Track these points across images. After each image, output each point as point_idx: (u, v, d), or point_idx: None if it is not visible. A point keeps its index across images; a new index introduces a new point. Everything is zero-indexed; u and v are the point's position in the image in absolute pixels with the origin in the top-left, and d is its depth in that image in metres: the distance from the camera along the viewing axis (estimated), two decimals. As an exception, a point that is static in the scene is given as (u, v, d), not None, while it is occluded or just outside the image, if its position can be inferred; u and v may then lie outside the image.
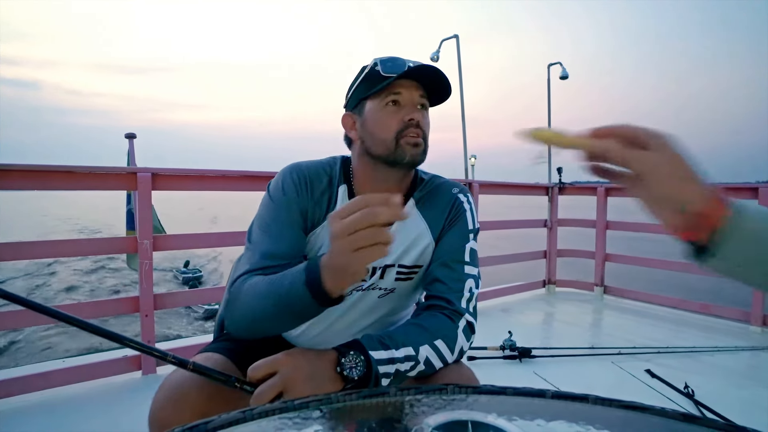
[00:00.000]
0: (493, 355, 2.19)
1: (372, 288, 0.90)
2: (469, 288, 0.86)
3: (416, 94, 0.85)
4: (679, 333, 2.72)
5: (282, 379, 0.65)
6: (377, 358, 0.71)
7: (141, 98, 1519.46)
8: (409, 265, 0.90)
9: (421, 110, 0.86)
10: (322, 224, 0.87)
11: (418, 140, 0.84)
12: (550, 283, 3.65)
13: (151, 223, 1.91)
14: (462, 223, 0.91)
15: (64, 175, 1.77)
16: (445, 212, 0.92)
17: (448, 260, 0.88)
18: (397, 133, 0.83)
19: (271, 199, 0.86)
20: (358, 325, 0.94)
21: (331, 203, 0.88)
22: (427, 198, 0.93)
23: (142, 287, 1.89)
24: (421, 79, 0.85)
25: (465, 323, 0.83)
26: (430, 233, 0.91)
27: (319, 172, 0.89)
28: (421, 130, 0.85)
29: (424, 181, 0.95)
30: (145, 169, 1.89)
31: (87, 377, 1.85)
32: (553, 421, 0.42)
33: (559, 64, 3.65)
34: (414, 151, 0.84)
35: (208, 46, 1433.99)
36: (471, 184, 3.02)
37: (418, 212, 0.91)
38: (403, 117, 0.84)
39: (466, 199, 0.94)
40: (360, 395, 0.45)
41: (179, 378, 0.76)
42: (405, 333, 0.77)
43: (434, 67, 0.84)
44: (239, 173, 2.07)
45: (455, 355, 0.80)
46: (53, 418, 1.60)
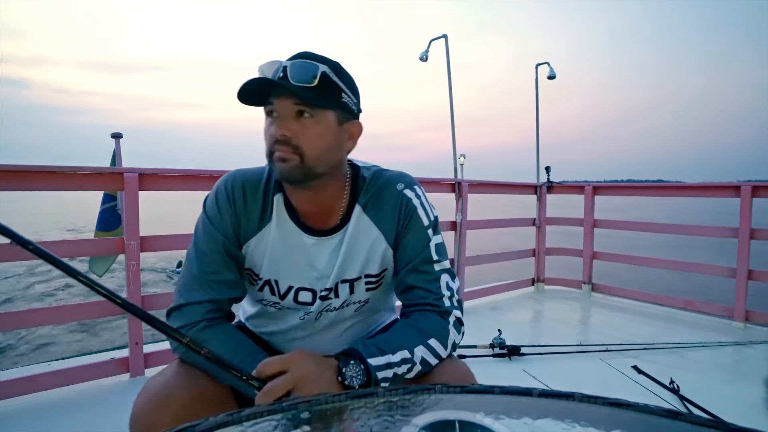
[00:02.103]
0: (482, 353, 2.20)
1: (346, 305, 0.90)
2: (446, 283, 0.86)
3: (289, 102, 0.74)
4: (665, 329, 2.76)
5: (294, 377, 0.65)
6: (375, 364, 0.72)
7: (131, 97, 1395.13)
8: (376, 273, 0.89)
9: (298, 120, 0.75)
10: (256, 234, 0.84)
11: (282, 155, 0.75)
12: (539, 281, 3.69)
13: (138, 223, 1.88)
14: (416, 222, 0.86)
15: (48, 175, 1.73)
16: (395, 214, 0.86)
17: (417, 264, 0.85)
18: (269, 149, 0.77)
19: (206, 216, 0.85)
20: (342, 332, 0.95)
21: (266, 211, 0.85)
22: (373, 201, 0.87)
23: (129, 289, 1.87)
24: (293, 84, 0.73)
25: (454, 319, 0.84)
26: (384, 239, 0.87)
27: (254, 179, 0.86)
28: (290, 145, 0.74)
29: (366, 181, 0.88)
30: (132, 170, 1.87)
31: (74, 380, 1.82)
32: (539, 419, 0.43)
33: (547, 64, 3.68)
34: (280, 167, 0.75)
35: (199, 45, 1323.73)
36: (460, 183, 3.03)
37: (367, 218, 0.86)
38: (273, 131, 0.76)
39: (414, 194, 0.88)
40: (349, 396, 0.45)
41: (162, 380, 0.76)
42: (399, 336, 0.78)
43: (303, 65, 0.74)
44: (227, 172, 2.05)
45: (448, 350, 0.81)
46: (40, 422, 1.57)
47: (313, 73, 0.74)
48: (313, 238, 0.85)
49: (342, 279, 0.86)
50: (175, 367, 0.79)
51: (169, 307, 0.83)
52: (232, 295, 0.85)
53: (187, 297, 0.81)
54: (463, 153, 3.17)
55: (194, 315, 0.80)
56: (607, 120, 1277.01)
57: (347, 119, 0.82)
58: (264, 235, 0.85)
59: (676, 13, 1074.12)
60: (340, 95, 0.79)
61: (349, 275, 0.87)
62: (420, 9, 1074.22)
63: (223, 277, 0.83)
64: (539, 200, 3.66)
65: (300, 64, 0.74)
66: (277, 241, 0.85)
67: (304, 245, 0.85)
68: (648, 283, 4.45)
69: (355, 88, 0.83)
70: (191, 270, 0.83)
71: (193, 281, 0.82)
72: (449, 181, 3.04)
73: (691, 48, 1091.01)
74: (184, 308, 0.81)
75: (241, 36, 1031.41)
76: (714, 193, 3.02)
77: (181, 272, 0.85)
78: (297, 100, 0.74)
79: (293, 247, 0.85)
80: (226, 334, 0.81)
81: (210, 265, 0.82)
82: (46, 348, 7.84)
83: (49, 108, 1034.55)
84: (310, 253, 0.85)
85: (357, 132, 0.84)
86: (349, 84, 0.81)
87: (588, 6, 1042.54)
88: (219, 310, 0.83)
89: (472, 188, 3.13)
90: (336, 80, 0.78)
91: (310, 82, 0.74)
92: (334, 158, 0.81)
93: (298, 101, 0.75)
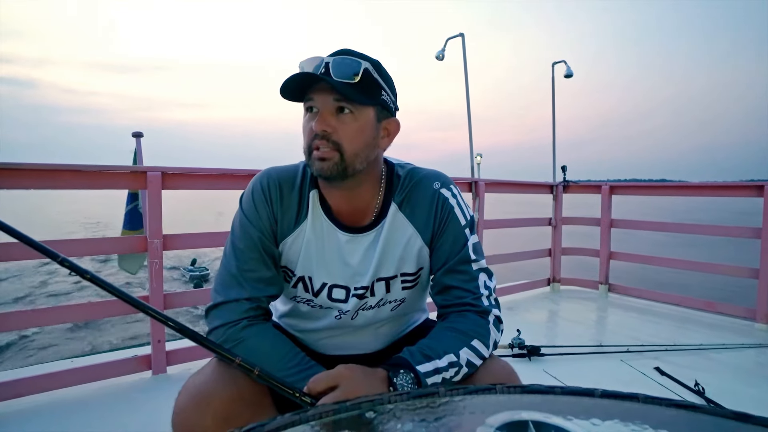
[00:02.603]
0: (502, 353, 2.19)
1: (382, 304, 0.89)
2: (484, 283, 0.85)
3: (329, 98, 0.75)
4: (685, 330, 2.73)
5: (344, 393, 0.66)
6: (424, 371, 0.72)
7: (137, 97, 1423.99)
8: (412, 272, 0.88)
9: (338, 116, 0.76)
10: (293, 232, 0.85)
11: (320, 153, 0.75)
12: (554, 281, 3.66)
13: (161, 222, 1.90)
14: (453, 222, 0.86)
15: (74, 174, 1.75)
16: (431, 214, 0.85)
17: (454, 265, 0.85)
18: (308, 145, 0.77)
19: (243, 213, 0.85)
20: (376, 331, 0.95)
21: (302, 208, 0.85)
22: (408, 199, 0.86)
23: (152, 287, 1.88)
24: (335, 80, 0.73)
25: (494, 318, 0.83)
26: (420, 237, 0.86)
27: (290, 176, 0.86)
28: (329, 141, 0.75)
29: (401, 179, 0.87)
30: (155, 168, 1.88)
31: (97, 377, 1.84)
32: (608, 421, 0.42)
33: (564, 62, 3.65)
34: (318, 165, 0.76)
35: (203, 45, 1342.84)
36: (477, 182, 3.01)
37: (402, 216, 0.86)
38: (313, 126, 0.76)
39: (450, 193, 0.87)
40: (410, 395, 0.45)
41: (202, 379, 0.76)
42: (443, 340, 0.78)
43: (345, 61, 0.74)
44: (248, 172, 2.06)
45: (491, 350, 0.81)
46: (63, 419, 1.59)
47: (355, 70, 0.74)
48: (347, 235, 0.85)
49: (378, 277, 0.86)
50: (214, 366, 0.79)
51: (208, 305, 0.83)
52: (270, 293, 0.85)
53: (226, 295, 0.81)
54: (479, 152, 3.15)
55: (234, 313, 0.80)
56: (611, 119, 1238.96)
57: (385, 117, 0.82)
58: (300, 232, 0.85)
59: (680, 12, 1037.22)
60: (380, 92, 0.79)
61: (384, 273, 0.86)
62: (427, 5, 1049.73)
63: (261, 274, 0.83)
64: (555, 200, 3.64)
65: (342, 61, 0.74)
66: (312, 238, 0.85)
67: (338, 242, 0.85)
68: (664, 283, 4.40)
69: (393, 86, 0.83)
70: (229, 268, 0.83)
71: (231, 279, 0.82)
72: (466, 180, 3.03)
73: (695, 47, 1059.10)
74: (224, 306, 0.81)
75: (243, 36, 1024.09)
76: (735, 192, 2.98)
77: (218, 270, 0.85)
78: (338, 95, 0.75)
79: (327, 243, 0.85)
80: (268, 335, 0.81)
81: (248, 263, 0.82)
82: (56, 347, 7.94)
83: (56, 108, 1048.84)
84: (344, 250, 0.85)
85: (394, 129, 0.84)
86: (388, 82, 0.81)
87: (595, 6, 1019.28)
88: (258, 308, 0.83)
89: (488, 187, 3.12)
90: (377, 77, 0.78)
91: (352, 78, 0.74)
92: (371, 155, 0.81)
93: (338, 97, 0.75)
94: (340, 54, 0.76)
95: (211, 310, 0.82)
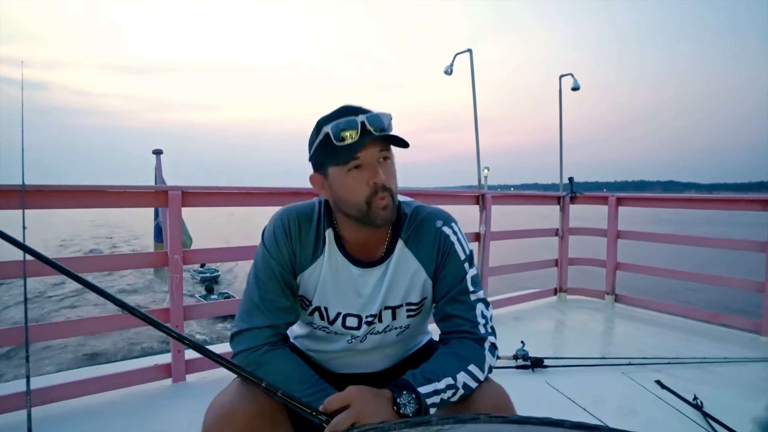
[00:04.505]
0: (506, 364, 2.26)
1: (389, 330, 0.98)
2: (481, 312, 0.93)
3: (374, 150, 0.84)
4: (689, 343, 2.76)
5: (356, 412, 0.74)
6: (424, 392, 0.81)
7: (146, 98, 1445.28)
8: (416, 302, 0.97)
9: (384, 163, 0.86)
10: (310, 266, 0.94)
11: (386, 203, 0.85)
12: (561, 291, 3.71)
13: (180, 238, 2.01)
14: (454, 256, 0.94)
15: (98, 194, 1.87)
16: (434, 249, 0.94)
17: (455, 295, 0.93)
18: (367, 198, 0.84)
19: (265, 248, 0.94)
20: (383, 352, 1.04)
21: (318, 245, 0.94)
22: (414, 236, 0.95)
23: (173, 300, 1.99)
24: (377, 131, 0.82)
25: (489, 344, 0.91)
26: (424, 270, 0.94)
27: (308, 215, 0.95)
28: (388, 190, 0.85)
29: (408, 217, 0.96)
30: (176, 188, 1.99)
31: (120, 385, 1.95)
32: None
33: (571, 75, 3.71)
34: (384, 213, 0.85)
35: (213, 47, 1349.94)
36: (484, 195, 3.09)
37: (408, 252, 0.95)
38: (368, 180, 0.84)
39: (451, 231, 0.95)
40: (408, 423, 0.53)
41: (227, 399, 0.86)
42: (443, 364, 0.86)
43: (379, 115, 0.83)
44: (264, 190, 2.16)
45: (486, 373, 0.89)
46: (89, 424, 1.70)
47: (389, 120, 0.84)
48: (359, 269, 0.94)
49: (385, 306, 0.95)
50: (237, 385, 0.88)
51: (233, 331, 0.92)
52: (288, 320, 0.94)
53: (250, 323, 0.91)
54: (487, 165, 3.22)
55: (256, 339, 0.90)
56: (616, 120, 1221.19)
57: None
58: (317, 266, 0.94)
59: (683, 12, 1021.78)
60: None
61: (391, 302, 0.95)
62: (430, 5, 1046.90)
63: (281, 304, 0.92)
64: (562, 210, 3.69)
65: (377, 116, 0.83)
66: (328, 271, 0.94)
67: (351, 275, 0.94)
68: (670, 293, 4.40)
69: None
70: (252, 297, 0.92)
71: (254, 308, 0.91)
72: (473, 193, 3.10)
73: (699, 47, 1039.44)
74: (247, 333, 0.90)
75: (250, 37, 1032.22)
76: (740, 206, 3.01)
77: (242, 299, 0.94)
78: (382, 146, 0.84)
79: (342, 277, 0.94)
80: (287, 359, 0.90)
81: (269, 293, 0.92)
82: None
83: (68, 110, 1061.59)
84: (357, 282, 0.94)
85: None
86: None
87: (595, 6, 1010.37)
88: (277, 334, 0.92)
89: (495, 200, 3.19)
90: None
91: (390, 129, 0.84)
92: None
93: (383, 147, 0.85)
94: (351, 113, 0.84)
95: (236, 335, 0.92)
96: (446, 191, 3.21)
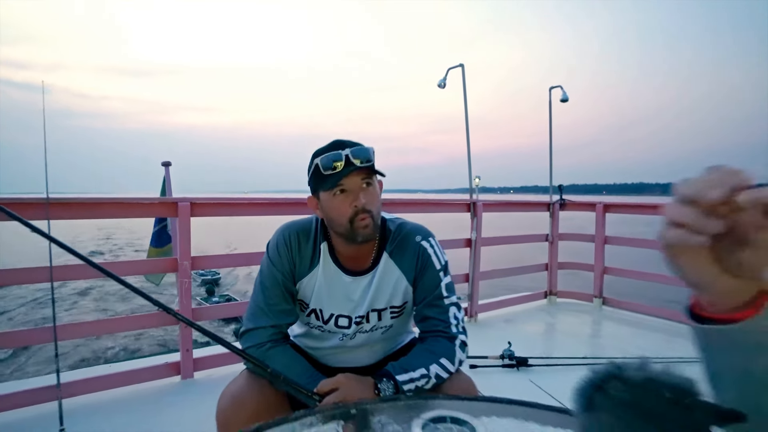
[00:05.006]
0: (492, 363, 2.41)
1: (375, 329, 1.14)
2: (454, 314, 1.08)
3: (357, 178, 0.99)
4: (672, 344, 2.90)
5: (343, 394, 0.91)
6: (401, 380, 0.97)
7: (147, 101, 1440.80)
8: (398, 305, 1.13)
9: (366, 188, 1.00)
10: (307, 274, 1.09)
11: (366, 223, 0.99)
12: (551, 294, 3.86)
13: (189, 245, 2.17)
14: (431, 267, 1.09)
15: (115, 205, 2.04)
16: (414, 260, 1.09)
17: (431, 300, 1.08)
18: (350, 219, 0.99)
19: (269, 259, 1.10)
20: (371, 349, 1.19)
21: (314, 257, 1.10)
22: (397, 249, 1.10)
23: (181, 303, 2.15)
24: (360, 162, 0.97)
25: (460, 342, 1.07)
26: (405, 278, 1.10)
27: (306, 230, 1.11)
28: (368, 212, 0.99)
29: (392, 232, 1.11)
30: (185, 199, 2.16)
31: (132, 381, 2.11)
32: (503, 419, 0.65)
33: (560, 87, 3.86)
34: (365, 231, 1.00)
35: (214, 49, 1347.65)
36: (475, 203, 3.24)
37: (392, 262, 1.10)
38: (351, 203, 0.98)
39: (428, 245, 1.10)
40: (382, 399, 0.69)
41: (238, 387, 1.02)
42: (419, 357, 1.02)
43: (362, 149, 0.98)
44: (267, 200, 2.33)
45: (456, 366, 1.04)
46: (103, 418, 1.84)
47: (371, 152, 1.00)
48: (350, 277, 1.10)
49: (372, 308, 1.10)
50: (246, 376, 1.04)
51: (241, 330, 1.08)
52: (288, 321, 1.10)
53: (255, 323, 1.06)
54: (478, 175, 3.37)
55: (261, 337, 1.05)
56: (616, 121, 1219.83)
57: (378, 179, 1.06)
58: (313, 274, 1.10)
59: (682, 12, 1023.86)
60: None
61: (377, 306, 1.11)
62: (430, 5, 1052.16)
63: (283, 307, 1.08)
64: (552, 217, 3.84)
65: (360, 149, 0.99)
66: (323, 279, 1.09)
67: (343, 282, 1.10)
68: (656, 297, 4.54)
69: None
70: (257, 301, 1.08)
71: (259, 310, 1.07)
72: (465, 201, 3.25)
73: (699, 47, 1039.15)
74: (253, 331, 1.06)
75: (250, 39, 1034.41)
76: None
77: (249, 302, 1.10)
78: (365, 175, 1.00)
79: (335, 283, 1.10)
80: (287, 354, 1.06)
81: (272, 298, 1.07)
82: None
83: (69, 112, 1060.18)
84: (348, 288, 1.10)
85: (381, 186, 1.09)
86: None
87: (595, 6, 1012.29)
88: (279, 332, 1.08)
89: (486, 207, 3.34)
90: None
91: (372, 159, 1.00)
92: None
93: (365, 176, 1.00)
94: (338, 147, 1.00)
95: (244, 334, 1.07)
96: (440, 200, 3.37)
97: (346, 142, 1.01)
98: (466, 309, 3.33)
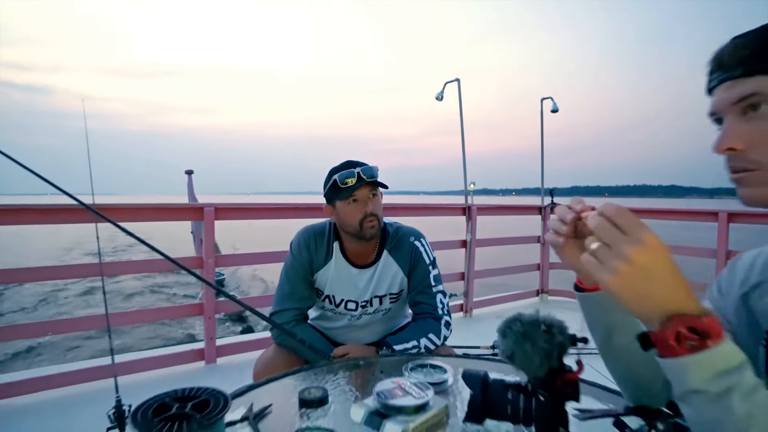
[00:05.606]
0: (483, 353, 2.68)
1: (377, 312, 1.42)
2: (440, 300, 1.36)
3: (366, 190, 1.27)
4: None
5: (353, 356, 1.17)
6: (398, 349, 1.24)
7: (147, 102, 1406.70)
8: (396, 292, 1.40)
9: (372, 198, 1.29)
10: (322, 268, 1.37)
11: (373, 224, 1.28)
12: (543, 292, 4.11)
13: (213, 245, 2.45)
14: (422, 262, 1.37)
15: (152, 210, 2.33)
16: (408, 256, 1.37)
17: (421, 288, 1.37)
18: (360, 221, 1.27)
19: (292, 255, 1.38)
20: (373, 328, 1.47)
21: (328, 253, 1.37)
22: (395, 247, 1.38)
23: (207, 297, 2.43)
24: (368, 178, 1.25)
25: (444, 321, 1.34)
26: (401, 271, 1.38)
27: (321, 232, 1.39)
28: (375, 215, 1.28)
29: (390, 234, 1.39)
30: (210, 205, 2.44)
31: (164, 365, 2.38)
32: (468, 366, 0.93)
33: (551, 99, 4.13)
34: (371, 231, 1.28)
35: (214, 50, 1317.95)
36: (470, 207, 3.51)
37: (391, 258, 1.37)
38: (361, 210, 1.27)
39: (420, 244, 1.38)
40: (382, 355, 0.96)
41: (269, 355, 1.30)
42: (411, 332, 1.29)
43: (370, 168, 1.26)
44: (286, 205, 2.62)
45: (441, 341, 1.31)
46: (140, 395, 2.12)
47: (375, 170, 1.28)
48: (356, 270, 1.37)
49: (375, 295, 1.38)
50: (274, 347, 1.32)
51: (272, 311, 1.36)
52: (308, 305, 1.39)
53: (282, 305, 1.35)
54: (473, 180, 3.63)
55: (287, 317, 1.34)
56: (617, 123, 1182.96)
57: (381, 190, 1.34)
58: (327, 267, 1.37)
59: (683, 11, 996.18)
60: None
61: (379, 293, 1.38)
62: (430, 6, 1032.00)
63: (304, 294, 1.36)
64: (544, 220, 4.10)
65: (368, 168, 1.27)
66: (335, 271, 1.37)
67: (351, 274, 1.37)
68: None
69: None
70: (283, 288, 1.36)
71: (285, 296, 1.35)
72: (461, 205, 3.52)
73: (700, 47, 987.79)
74: (281, 312, 1.34)
75: (251, 41, 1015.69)
76: (695, 218, 3.42)
77: (277, 289, 1.38)
78: (372, 187, 1.28)
79: (345, 275, 1.38)
80: (308, 330, 1.35)
81: (294, 286, 1.36)
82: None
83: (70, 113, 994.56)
84: (355, 278, 1.38)
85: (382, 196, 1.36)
86: None
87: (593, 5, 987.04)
88: (301, 314, 1.37)
89: (480, 211, 3.60)
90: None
91: (376, 176, 1.28)
92: None
93: (372, 188, 1.28)
94: (351, 165, 1.28)
95: (273, 314, 1.35)
96: (437, 205, 3.64)
97: (357, 163, 1.30)
98: (461, 305, 3.60)
